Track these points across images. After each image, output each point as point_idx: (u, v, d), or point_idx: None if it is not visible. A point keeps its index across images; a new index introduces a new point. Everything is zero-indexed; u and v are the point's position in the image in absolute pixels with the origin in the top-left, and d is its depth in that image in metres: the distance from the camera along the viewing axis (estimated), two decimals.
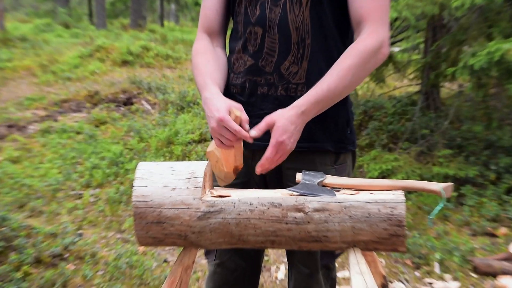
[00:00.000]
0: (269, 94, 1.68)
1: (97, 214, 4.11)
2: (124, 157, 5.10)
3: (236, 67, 1.73)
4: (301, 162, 1.69)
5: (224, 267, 1.84)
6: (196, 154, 5.20)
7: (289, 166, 1.68)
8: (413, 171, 4.39)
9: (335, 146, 1.71)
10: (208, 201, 1.48)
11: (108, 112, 6.68)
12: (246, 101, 1.70)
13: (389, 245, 1.45)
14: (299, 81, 1.66)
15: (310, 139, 1.68)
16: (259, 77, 1.69)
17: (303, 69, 1.66)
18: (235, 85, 1.73)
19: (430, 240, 3.56)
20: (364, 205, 1.43)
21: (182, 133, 5.64)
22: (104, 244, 3.61)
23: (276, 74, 1.67)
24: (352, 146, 1.76)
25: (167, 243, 1.53)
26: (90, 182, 4.68)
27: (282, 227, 1.46)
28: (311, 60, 1.65)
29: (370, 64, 1.59)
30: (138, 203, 1.49)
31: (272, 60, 1.67)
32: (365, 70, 1.59)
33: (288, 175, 1.71)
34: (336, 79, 1.56)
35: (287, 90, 1.67)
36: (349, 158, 1.78)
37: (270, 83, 1.68)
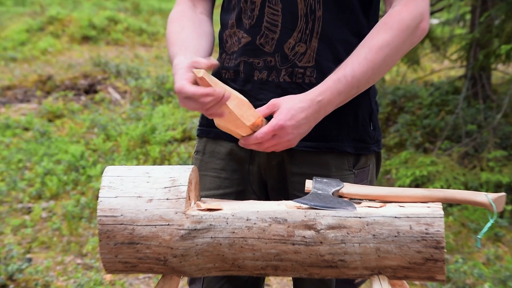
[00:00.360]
0: (269, 80, 1.69)
1: (51, 233, 4.13)
2: (85, 160, 5.12)
3: (228, 45, 1.75)
4: (312, 166, 1.70)
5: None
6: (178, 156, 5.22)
7: (296, 171, 1.70)
8: (456, 178, 4.41)
9: (354, 146, 1.73)
10: (194, 216, 1.49)
11: (64, 102, 6.69)
12: (240, 89, 1.71)
13: (424, 272, 1.47)
14: (307, 64, 1.68)
15: (322, 137, 1.70)
16: (257, 58, 1.70)
17: (312, 48, 1.67)
18: (228, 68, 1.75)
19: (478, 267, 3.57)
20: (391, 221, 1.45)
21: (161, 130, 5.65)
22: (61, 271, 3.62)
23: (278, 55, 1.68)
24: (376, 146, 1.78)
25: (142, 270, 1.55)
26: (42, 193, 4.69)
27: (287, 249, 1.47)
28: (323, 37, 1.66)
29: (407, 43, 1.60)
30: (105, 219, 1.50)
31: (273, 37, 1.68)
32: (401, 51, 1.60)
33: (294, 183, 1.72)
34: (364, 62, 1.57)
35: (292, 76, 1.68)
36: (372, 161, 1.79)
37: (270, 66, 1.69)
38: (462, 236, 4.05)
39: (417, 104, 5.68)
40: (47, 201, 4.60)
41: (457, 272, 3.54)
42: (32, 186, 4.78)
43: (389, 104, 5.79)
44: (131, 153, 5.30)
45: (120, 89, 7.11)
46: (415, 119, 5.42)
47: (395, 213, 1.45)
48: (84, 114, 6.28)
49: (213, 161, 1.77)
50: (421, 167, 4.51)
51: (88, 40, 9.36)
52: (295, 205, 1.51)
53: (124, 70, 7.49)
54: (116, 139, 5.59)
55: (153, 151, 5.26)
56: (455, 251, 3.88)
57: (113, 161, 5.14)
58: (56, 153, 5.26)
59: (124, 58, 8.27)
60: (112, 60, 8.00)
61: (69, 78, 7.41)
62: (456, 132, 5.10)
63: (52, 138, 5.64)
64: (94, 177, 4.82)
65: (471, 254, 3.83)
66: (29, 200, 4.61)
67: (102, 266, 1.52)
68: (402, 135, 5.28)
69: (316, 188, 1.55)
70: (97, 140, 5.53)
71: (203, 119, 1.83)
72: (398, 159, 4.77)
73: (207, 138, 1.81)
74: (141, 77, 7.28)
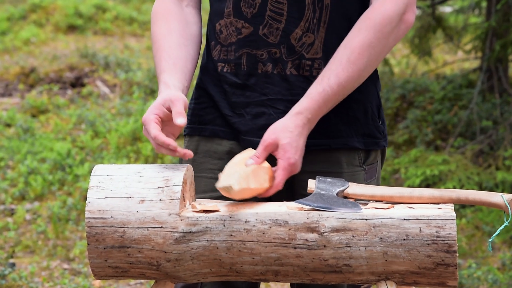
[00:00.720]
0: (275, 73, 1.70)
1: (35, 236, 4.14)
2: (72, 159, 5.12)
3: (224, 36, 1.74)
4: (322, 163, 1.72)
5: None
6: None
7: (306, 169, 1.69)
8: (469, 178, 4.41)
9: (364, 142, 1.75)
10: (189, 218, 1.50)
11: (49, 96, 6.69)
12: (242, 83, 1.72)
13: (435, 277, 1.48)
14: (315, 56, 1.69)
15: (332, 133, 1.71)
16: (260, 50, 1.70)
17: (320, 39, 1.68)
18: (226, 61, 1.74)
19: (492, 272, 3.58)
20: (400, 224, 1.46)
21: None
22: (46, 277, 3.63)
23: (284, 46, 1.69)
24: (384, 141, 1.80)
25: (133, 275, 1.56)
26: (25, 193, 4.70)
27: (288, 253, 1.48)
28: (330, 26, 1.68)
29: (391, 39, 1.63)
30: (94, 221, 1.51)
31: (278, 26, 1.69)
32: (385, 48, 1.63)
33: (303, 182, 1.70)
34: (347, 66, 1.60)
35: (299, 68, 1.69)
36: (379, 157, 1.82)
37: (275, 58, 1.70)
38: (475, 240, 4.06)
39: (428, 98, 5.68)
40: (31, 202, 4.61)
41: (470, 278, 3.54)
42: (15, 186, 4.79)
43: (398, 98, 5.79)
44: (121, 151, 5.31)
45: (109, 82, 7.10)
46: (426, 114, 5.42)
47: (404, 215, 1.46)
48: (70, 109, 6.28)
49: (209, 161, 1.77)
50: (432, 166, 4.52)
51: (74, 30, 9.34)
52: (296, 207, 1.52)
53: (113, 62, 7.48)
54: (105, 136, 5.59)
55: (144, 148, 5.26)
56: (468, 255, 3.89)
57: (102, 160, 5.14)
58: (40, 151, 5.26)
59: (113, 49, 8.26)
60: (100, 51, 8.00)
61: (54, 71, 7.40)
62: (470, 128, 5.10)
63: (36, 134, 5.64)
64: (82, 177, 4.83)
65: (485, 259, 3.84)
66: (12, 201, 4.61)
67: (91, 271, 1.53)
68: (411, 131, 5.28)
69: (319, 188, 1.56)
70: (84, 137, 5.54)
71: (194, 116, 1.83)
72: (407, 157, 4.77)
73: (200, 137, 1.81)
74: (131, 69, 7.28)
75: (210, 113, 1.79)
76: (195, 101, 1.83)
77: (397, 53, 7.57)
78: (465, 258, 3.84)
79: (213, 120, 1.77)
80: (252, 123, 1.72)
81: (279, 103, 1.70)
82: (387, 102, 5.65)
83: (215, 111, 1.78)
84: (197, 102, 1.83)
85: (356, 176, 1.72)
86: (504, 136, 4.79)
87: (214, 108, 1.78)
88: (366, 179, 1.76)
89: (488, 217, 4.23)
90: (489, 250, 1.55)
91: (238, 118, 1.73)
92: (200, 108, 1.81)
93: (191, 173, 1.63)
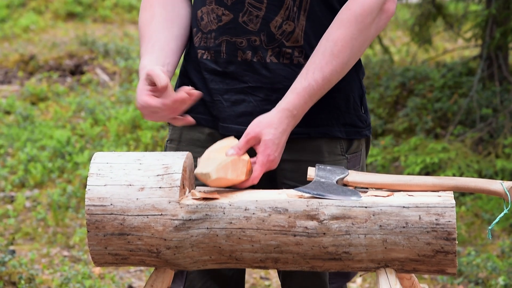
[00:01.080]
0: (254, 61, 1.70)
1: (35, 223, 4.14)
2: (72, 146, 5.13)
3: (204, 24, 1.74)
4: (303, 152, 1.72)
5: None
6: None
7: (286, 158, 1.70)
8: (469, 166, 4.42)
9: (346, 131, 1.75)
10: (188, 206, 1.50)
11: (49, 84, 6.68)
12: (222, 71, 1.72)
13: (434, 265, 1.48)
14: (295, 44, 1.69)
15: (312, 122, 1.71)
16: (239, 37, 1.70)
17: (300, 27, 1.68)
18: (206, 48, 1.74)
19: (492, 260, 3.59)
20: (399, 211, 1.46)
21: None
22: (46, 264, 3.64)
23: (264, 34, 1.69)
24: (368, 131, 1.80)
25: (133, 262, 1.56)
26: (25, 181, 4.70)
27: (288, 240, 1.48)
28: (311, 14, 1.68)
29: (372, 29, 1.63)
30: (93, 209, 1.51)
31: (258, 14, 1.68)
32: (367, 39, 1.64)
33: (284, 170, 1.73)
34: (331, 59, 1.60)
35: (279, 56, 1.69)
36: (363, 146, 1.82)
37: (255, 46, 1.69)
38: (475, 227, 4.07)
39: (428, 86, 5.67)
40: (31, 189, 4.61)
41: (469, 265, 3.55)
42: (15, 174, 4.79)
43: (398, 86, 5.79)
44: (120, 139, 5.31)
45: (108, 70, 7.09)
46: (425, 102, 5.42)
47: (404, 203, 1.46)
48: (70, 97, 6.27)
49: (193, 150, 1.75)
50: (432, 154, 4.52)
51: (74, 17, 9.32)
52: (296, 194, 1.52)
53: (112, 49, 7.47)
54: (104, 124, 5.59)
55: (144, 136, 5.26)
56: (468, 243, 3.90)
57: (101, 147, 5.14)
58: (40, 138, 5.26)
59: (112, 36, 8.25)
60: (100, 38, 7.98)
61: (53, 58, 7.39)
62: (469, 116, 5.10)
63: (36, 122, 5.63)
64: (82, 164, 4.83)
65: (484, 246, 3.85)
66: (12, 188, 4.62)
67: (91, 258, 1.54)
68: (411, 119, 5.28)
69: (319, 176, 1.56)
70: (84, 125, 5.54)
71: None
72: (407, 145, 4.78)
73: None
74: (131, 57, 7.26)
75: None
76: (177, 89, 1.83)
77: (397, 41, 7.56)
78: (465, 245, 3.85)
79: (195, 107, 1.75)
80: (230, 110, 1.71)
81: (259, 90, 1.70)
82: (387, 90, 5.65)
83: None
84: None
85: (338, 164, 1.73)
86: (504, 124, 4.79)
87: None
88: (349, 167, 1.75)
89: (487, 205, 4.23)
90: (489, 238, 1.56)
91: (216, 105, 1.73)
92: None
93: (191, 160, 1.63)
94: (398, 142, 5.07)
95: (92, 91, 6.47)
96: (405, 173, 4.47)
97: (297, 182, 1.67)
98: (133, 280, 3.56)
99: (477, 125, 4.93)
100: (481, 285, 3.46)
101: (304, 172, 1.64)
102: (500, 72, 5.36)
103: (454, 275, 1.52)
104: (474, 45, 5.91)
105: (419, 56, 6.48)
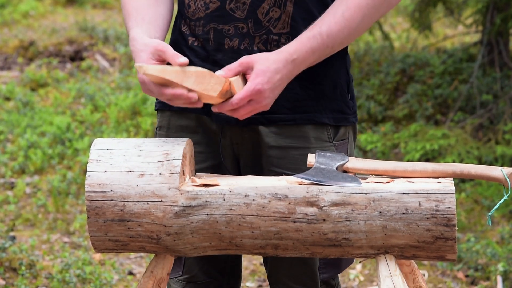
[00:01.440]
0: (241, 49, 1.69)
1: (35, 210, 4.15)
2: (72, 133, 5.12)
3: (192, 11, 1.73)
4: (290, 138, 1.72)
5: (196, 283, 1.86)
6: None
7: (272, 144, 1.70)
8: (469, 152, 4.42)
9: (333, 118, 1.74)
10: (188, 192, 1.50)
11: (48, 70, 6.67)
12: (210, 59, 1.71)
13: (434, 251, 1.48)
14: (281, 31, 1.68)
15: (299, 108, 1.71)
16: (227, 25, 1.69)
17: (287, 13, 1.67)
18: (195, 36, 1.73)
19: (491, 246, 3.60)
20: (399, 198, 1.46)
21: (153, 100, 5.65)
22: (46, 250, 3.65)
23: (251, 21, 1.68)
24: (354, 118, 1.80)
25: (133, 249, 1.57)
26: (25, 167, 4.71)
27: (288, 226, 1.49)
28: (299, 1, 1.67)
29: (385, 4, 1.63)
30: (93, 195, 1.51)
31: (245, 1, 1.67)
32: (379, 11, 1.63)
33: (271, 157, 1.72)
34: (340, 20, 1.59)
35: (266, 43, 1.68)
36: (350, 133, 1.82)
37: (242, 33, 1.69)
38: (474, 214, 4.07)
39: (429, 72, 5.66)
40: (31, 176, 4.62)
41: (469, 252, 3.56)
42: (15, 160, 4.79)
43: (398, 72, 5.78)
44: (120, 125, 5.30)
45: (108, 56, 7.08)
46: (426, 89, 5.41)
47: (403, 189, 1.46)
48: (69, 83, 6.26)
49: (182, 136, 1.74)
50: (432, 140, 4.52)
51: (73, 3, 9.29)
52: (296, 181, 1.52)
53: (112, 35, 7.45)
54: (104, 110, 5.58)
55: (144, 123, 5.26)
56: (467, 229, 3.90)
57: (101, 134, 5.14)
58: (40, 124, 5.26)
59: (112, 22, 8.22)
60: (100, 24, 7.96)
61: (53, 44, 7.37)
62: (470, 102, 5.10)
63: (36, 108, 5.63)
64: (82, 151, 4.83)
65: (484, 233, 3.85)
66: (12, 174, 4.62)
67: (91, 244, 1.54)
68: (411, 106, 5.28)
69: (319, 163, 1.56)
70: (84, 111, 5.53)
71: None
72: (407, 132, 4.78)
73: (171, 112, 1.79)
74: None
75: None
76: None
77: (397, 27, 7.53)
78: (464, 232, 3.86)
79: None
80: None
81: None
82: (387, 76, 5.64)
83: None
84: None
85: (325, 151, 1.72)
86: (504, 110, 4.79)
87: None
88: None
89: (487, 191, 4.24)
90: (489, 224, 1.56)
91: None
92: None
93: (191, 147, 1.63)
94: (398, 128, 5.07)
95: (92, 77, 6.46)
96: (405, 159, 4.47)
97: (284, 169, 1.67)
98: (133, 267, 3.58)
99: (477, 111, 4.92)
100: (480, 271, 3.47)
101: (291, 159, 1.65)
102: (501, 58, 5.35)
103: (454, 261, 1.52)
104: (475, 31, 5.90)
105: (420, 43, 6.47)
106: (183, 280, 1.85)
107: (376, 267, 1.52)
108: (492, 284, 3.39)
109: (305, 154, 1.64)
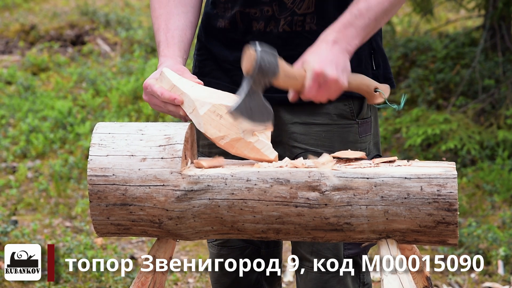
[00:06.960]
0: (267, 31, 1.71)
1: (37, 194, 4.16)
2: (73, 117, 5.12)
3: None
4: (313, 115, 1.73)
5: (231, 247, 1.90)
6: None
7: (296, 120, 1.73)
8: (471, 137, 4.42)
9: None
10: (190, 176, 1.50)
11: (50, 54, 6.66)
12: (240, 39, 1.73)
13: (435, 236, 1.49)
14: (306, 11, 1.69)
15: None
16: (253, 8, 1.71)
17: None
18: (224, 17, 1.76)
19: (492, 231, 3.61)
20: (401, 182, 1.46)
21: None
22: (48, 235, 3.66)
23: (276, 4, 1.69)
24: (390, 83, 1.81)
25: (135, 233, 1.57)
26: (27, 151, 4.71)
27: (290, 211, 1.49)
28: None
29: None
30: (95, 179, 1.51)
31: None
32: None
33: (295, 134, 1.74)
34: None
35: (291, 25, 1.70)
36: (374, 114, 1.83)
37: (268, 16, 1.70)
38: (476, 199, 4.08)
39: (431, 57, 5.64)
40: (32, 160, 4.62)
41: (470, 236, 3.57)
42: (17, 144, 4.80)
43: (400, 57, 5.76)
44: (122, 110, 5.30)
45: (109, 40, 7.06)
46: (428, 73, 5.40)
47: (405, 174, 1.47)
48: (71, 67, 6.25)
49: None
50: (434, 125, 4.52)
51: None
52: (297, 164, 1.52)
53: (114, 19, 7.43)
54: (106, 95, 5.58)
55: (146, 107, 5.25)
56: (469, 214, 3.91)
57: (103, 118, 5.14)
58: (41, 109, 5.26)
59: (113, 6, 8.19)
60: (101, 8, 7.93)
61: (54, 28, 7.35)
62: (472, 87, 5.09)
63: (37, 93, 5.63)
64: (83, 135, 4.83)
65: (485, 217, 3.86)
66: (14, 159, 4.63)
67: (93, 229, 1.54)
68: (413, 90, 5.26)
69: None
70: (85, 96, 5.53)
71: (195, 67, 1.86)
72: (409, 116, 4.77)
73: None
74: (132, 27, 7.22)
75: (208, 65, 1.81)
76: (197, 52, 1.86)
77: (399, 12, 7.50)
78: (465, 216, 3.87)
79: (210, 72, 1.79)
80: None
81: None
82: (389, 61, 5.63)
83: (213, 63, 1.80)
84: (198, 54, 1.86)
85: (348, 128, 1.74)
86: (506, 95, 4.78)
87: (212, 61, 1.81)
88: (360, 132, 1.77)
89: (489, 176, 4.24)
90: (398, 108, 1.62)
91: (238, 71, 1.72)
92: (201, 60, 1.84)
93: (193, 131, 1.63)
94: (400, 113, 5.07)
95: (93, 61, 6.45)
96: (407, 144, 4.47)
97: (307, 145, 1.70)
98: (135, 251, 3.59)
99: (479, 96, 4.92)
100: (481, 256, 3.47)
101: (314, 135, 1.67)
102: (503, 43, 5.33)
103: (455, 246, 1.52)
104: (477, 15, 5.88)
105: (422, 27, 6.44)
106: (217, 245, 1.90)
107: (377, 252, 1.52)
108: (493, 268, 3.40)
109: (327, 131, 1.68)
